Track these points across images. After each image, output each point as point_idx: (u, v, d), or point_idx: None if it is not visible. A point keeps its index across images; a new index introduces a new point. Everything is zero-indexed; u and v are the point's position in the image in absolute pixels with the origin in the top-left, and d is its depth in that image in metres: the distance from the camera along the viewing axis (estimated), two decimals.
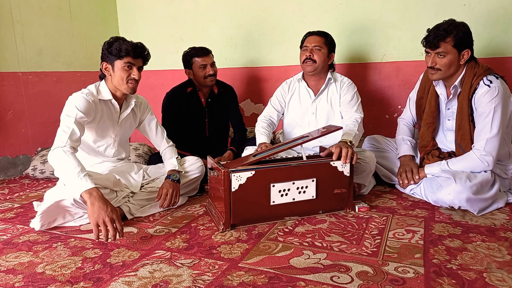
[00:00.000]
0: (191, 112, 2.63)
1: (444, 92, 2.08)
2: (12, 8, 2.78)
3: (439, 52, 1.92)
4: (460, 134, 2.01)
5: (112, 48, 1.85)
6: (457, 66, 1.95)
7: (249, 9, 3.19)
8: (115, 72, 1.88)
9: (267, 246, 1.55)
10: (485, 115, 1.89)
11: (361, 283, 1.25)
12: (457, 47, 1.90)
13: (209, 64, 2.53)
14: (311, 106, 2.32)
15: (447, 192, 1.85)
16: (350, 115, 2.21)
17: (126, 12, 3.65)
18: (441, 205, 1.94)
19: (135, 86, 1.91)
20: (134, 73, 1.88)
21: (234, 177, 1.66)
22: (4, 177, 2.81)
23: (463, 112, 1.98)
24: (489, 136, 1.89)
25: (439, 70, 1.95)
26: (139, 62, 1.91)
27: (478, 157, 1.90)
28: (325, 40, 2.23)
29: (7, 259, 1.49)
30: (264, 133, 2.28)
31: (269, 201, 1.76)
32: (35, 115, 2.97)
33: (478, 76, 1.93)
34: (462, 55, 1.93)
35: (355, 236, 1.64)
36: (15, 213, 2.04)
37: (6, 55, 2.77)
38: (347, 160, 1.82)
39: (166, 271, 1.36)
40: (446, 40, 1.89)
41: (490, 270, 1.33)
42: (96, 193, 1.61)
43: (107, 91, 1.93)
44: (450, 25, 1.90)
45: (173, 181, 2.00)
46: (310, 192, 1.81)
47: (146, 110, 2.18)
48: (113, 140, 2.06)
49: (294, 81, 2.39)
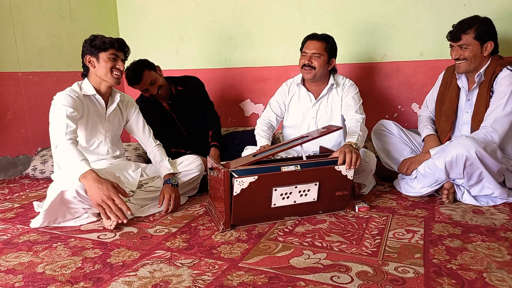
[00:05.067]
0: (160, 118, 2.60)
1: (466, 84, 2.12)
2: (12, 8, 2.78)
3: (461, 44, 1.99)
4: (476, 120, 2.03)
5: (96, 42, 1.90)
6: (481, 58, 2.01)
7: (249, 9, 3.19)
8: (100, 63, 1.91)
9: (267, 246, 1.55)
10: (502, 95, 1.94)
11: (361, 283, 1.25)
12: (478, 39, 1.96)
13: (147, 86, 2.46)
14: (311, 110, 2.31)
15: (457, 142, 1.88)
16: (351, 117, 2.18)
17: (126, 12, 3.65)
18: (446, 163, 1.90)
19: (119, 77, 1.95)
20: (119, 64, 1.94)
21: (237, 182, 1.64)
22: (4, 177, 2.81)
23: (482, 98, 2.02)
24: (499, 114, 1.92)
25: (465, 60, 2.00)
26: (121, 55, 1.96)
27: (483, 134, 1.93)
28: (326, 46, 2.17)
29: (7, 259, 1.49)
30: (265, 136, 2.26)
31: (270, 204, 1.75)
32: (35, 115, 2.96)
33: (502, 65, 1.99)
34: (485, 47, 1.98)
35: (355, 236, 1.64)
36: (15, 213, 2.04)
37: (6, 55, 2.77)
38: (352, 166, 1.80)
39: (166, 271, 1.36)
40: (467, 32, 1.96)
41: (490, 270, 1.33)
42: (90, 175, 1.65)
43: (90, 87, 1.96)
44: (472, 19, 1.99)
45: (173, 186, 1.99)
46: (312, 195, 1.81)
47: (133, 108, 2.19)
48: (104, 137, 2.06)
49: (294, 84, 2.36)
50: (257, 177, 1.67)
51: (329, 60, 2.21)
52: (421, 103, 2.79)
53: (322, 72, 2.20)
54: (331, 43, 2.21)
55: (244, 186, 1.66)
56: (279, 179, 1.73)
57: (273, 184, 1.72)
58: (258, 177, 1.68)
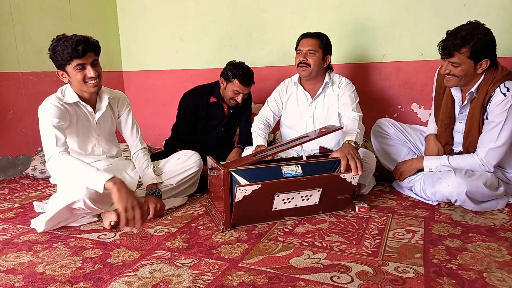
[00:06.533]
0: (212, 119, 2.63)
1: (460, 96, 2.01)
2: (12, 8, 2.78)
3: (452, 62, 1.82)
4: (468, 141, 1.98)
5: (57, 55, 1.74)
6: (474, 75, 1.86)
7: (249, 9, 3.19)
8: (71, 77, 1.79)
9: (267, 246, 1.55)
10: (494, 124, 1.84)
11: (361, 283, 1.25)
12: (473, 58, 1.79)
13: (242, 95, 2.50)
14: (308, 109, 2.31)
15: (446, 183, 1.84)
16: (348, 115, 2.18)
17: (126, 12, 3.65)
18: (438, 199, 1.93)
19: (96, 83, 1.81)
20: (89, 71, 1.76)
21: (240, 190, 1.63)
22: (4, 177, 2.81)
23: (473, 119, 1.92)
24: (492, 146, 1.85)
25: (455, 76, 1.86)
26: (90, 58, 1.77)
27: (478, 161, 1.89)
28: (320, 43, 2.19)
29: (7, 259, 1.49)
30: (261, 135, 2.27)
31: (271, 207, 1.75)
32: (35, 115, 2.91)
33: (495, 83, 1.83)
34: (480, 65, 1.82)
35: (355, 236, 1.64)
36: (15, 213, 2.04)
37: (6, 55, 2.77)
38: (359, 172, 1.79)
39: (166, 271, 1.36)
40: (461, 51, 1.77)
41: (490, 270, 1.33)
42: (119, 180, 1.59)
43: (72, 94, 1.85)
44: (469, 33, 1.76)
45: (156, 196, 1.94)
46: (314, 199, 1.80)
47: (125, 105, 2.10)
48: (97, 140, 2.01)
49: (291, 83, 2.37)
50: (261, 185, 1.66)
51: (324, 57, 2.22)
52: (421, 103, 2.81)
53: (317, 69, 2.21)
54: (325, 40, 2.22)
55: (247, 194, 1.65)
56: (282, 187, 1.71)
57: (276, 191, 1.71)
58: (261, 185, 1.66)
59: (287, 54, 3.11)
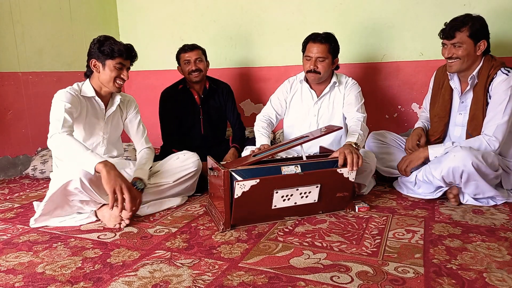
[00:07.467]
0: (186, 110, 2.66)
1: (459, 86, 2.10)
2: (12, 8, 2.78)
3: (454, 42, 1.95)
4: (473, 125, 2.02)
5: (104, 48, 1.87)
6: (474, 57, 1.98)
7: (249, 9, 3.19)
8: (105, 70, 1.90)
9: (267, 246, 1.55)
10: (499, 102, 1.92)
11: (361, 283, 1.25)
12: (472, 37, 1.93)
13: (193, 60, 2.55)
14: (313, 108, 2.30)
15: (453, 154, 1.86)
16: (352, 115, 2.17)
17: (126, 12, 3.65)
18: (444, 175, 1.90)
19: (121, 86, 1.96)
20: (124, 73, 1.93)
21: (238, 185, 1.64)
22: (4, 177, 2.81)
23: (478, 102, 2.00)
24: (500, 122, 1.91)
25: (458, 59, 1.96)
26: (128, 64, 1.96)
27: (486, 141, 1.92)
28: (329, 48, 2.13)
29: (7, 259, 1.49)
30: (265, 134, 2.24)
31: (271, 205, 1.75)
32: (35, 115, 2.96)
33: (495, 68, 1.96)
34: (478, 46, 1.95)
35: (355, 236, 1.64)
36: (15, 213, 2.04)
37: (6, 55, 2.77)
38: (355, 167, 1.79)
39: (166, 271, 1.36)
40: (461, 30, 1.93)
41: (490, 270, 1.33)
42: (110, 163, 1.67)
43: (90, 89, 1.96)
44: (466, 17, 1.95)
45: (137, 189, 1.88)
46: (313, 197, 1.81)
47: (133, 107, 2.19)
48: (102, 138, 2.06)
49: (296, 81, 2.35)
50: (259, 180, 1.67)
51: (333, 60, 2.20)
52: (421, 103, 2.79)
53: (327, 74, 2.21)
54: (334, 43, 2.17)
55: (246, 189, 1.66)
56: (280, 182, 1.72)
57: (274, 186, 1.71)
58: (259, 180, 1.67)
59: (287, 54, 3.11)
